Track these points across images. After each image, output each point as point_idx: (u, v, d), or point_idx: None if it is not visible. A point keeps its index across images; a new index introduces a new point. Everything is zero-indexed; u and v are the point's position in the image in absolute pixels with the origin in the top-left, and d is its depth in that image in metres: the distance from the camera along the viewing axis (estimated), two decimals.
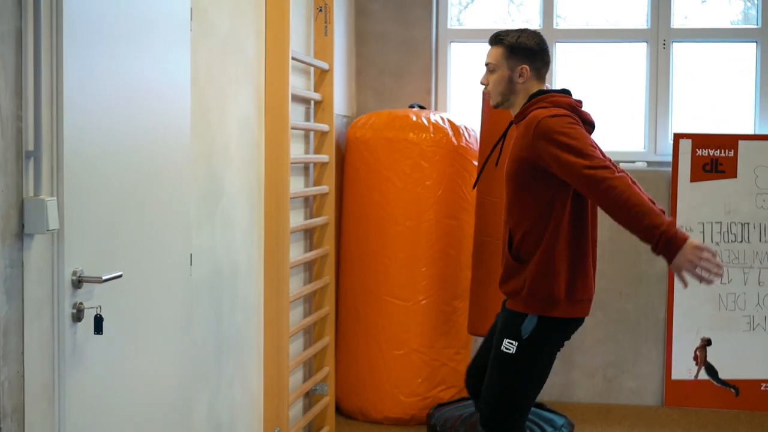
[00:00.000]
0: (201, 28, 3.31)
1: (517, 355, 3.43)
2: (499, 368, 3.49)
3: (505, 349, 3.44)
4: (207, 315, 3.49)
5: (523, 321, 3.44)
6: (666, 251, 3.16)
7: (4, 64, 2.15)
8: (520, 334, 3.43)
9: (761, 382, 5.63)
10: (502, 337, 3.47)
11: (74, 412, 2.43)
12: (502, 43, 3.52)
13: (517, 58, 3.50)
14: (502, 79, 3.51)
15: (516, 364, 3.45)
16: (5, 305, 2.18)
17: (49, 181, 2.32)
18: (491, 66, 3.54)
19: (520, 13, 6.15)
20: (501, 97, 3.53)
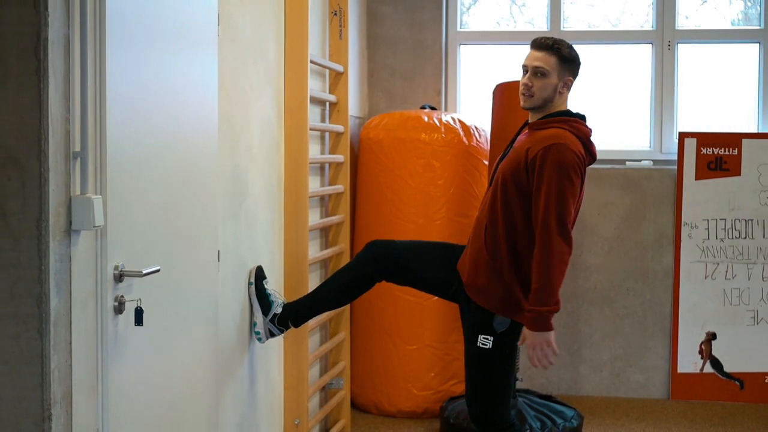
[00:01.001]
0: (226, 33, 3.43)
1: (494, 349, 3.59)
2: (479, 364, 3.64)
3: (481, 344, 3.59)
4: (232, 309, 3.62)
5: (493, 316, 3.58)
6: (537, 323, 3.43)
7: (54, 70, 2.28)
8: (494, 330, 3.58)
9: (765, 375, 5.76)
10: (477, 334, 3.60)
11: (116, 399, 2.56)
12: (559, 52, 3.60)
13: (567, 69, 3.62)
14: (549, 86, 3.59)
15: (495, 357, 3.61)
16: (55, 298, 2.31)
17: (94, 180, 2.45)
18: (543, 70, 3.58)
19: (523, 15, 6.27)
20: (542, 101, 3.62)
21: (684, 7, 6.05)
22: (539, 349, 3.46)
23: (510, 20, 6.28)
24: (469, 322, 3.68)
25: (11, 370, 2.29)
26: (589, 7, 6.16)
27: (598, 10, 6.17)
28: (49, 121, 2.26)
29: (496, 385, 3.66)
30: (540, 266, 3.42)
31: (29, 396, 2.30)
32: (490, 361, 3.62)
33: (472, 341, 3.63)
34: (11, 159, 2.27)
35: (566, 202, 3.42)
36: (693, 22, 6.08)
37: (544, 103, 3.63)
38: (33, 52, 2.25)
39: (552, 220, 3.40)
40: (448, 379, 5.43)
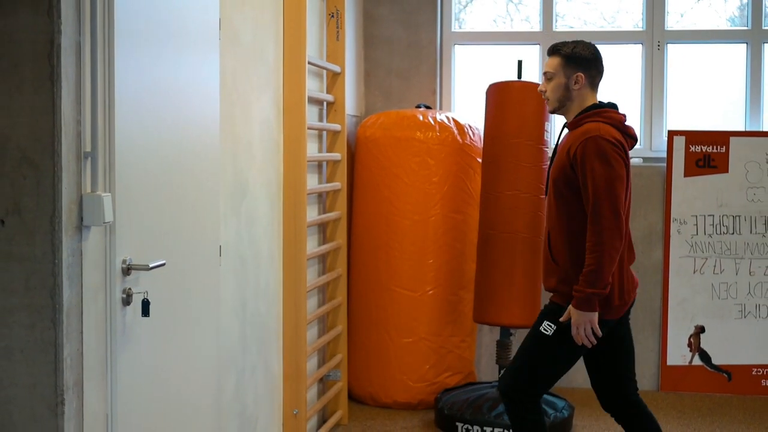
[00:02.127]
0: (228, 37, 3.57)
1: (552, 337, 3.73)
2: (533, 345, 3.80)
3: (543, 330, 3.75)
4: (233, 302, 3.76)
5: (565, 308, 3.72)
6: (584, 303, 3.58)
7: (67, 76, 2.42)
8: (560, 321, 3.72)
9: (752, 367, 5.90)
10: (543, 319, 3.78)
11: (124, 385, 2.70)
12: (560, 53, 3.80)
13: (573, 66, 3.79)
14: (559, 86, 3.78)
15: (549, 345, 3.76)
16: (68, 290, 2.45)
17: (104, 179, 2.59)
18: (549, 74, 3.80)
19: (519, 13, 6.40)
20: (558, 103, 3.80)
21: (677, 6, 6.17)
22: (582, 328, 3.61)
23: (506, 18, 6.41)
24: (543, 310, 3.85)
25: (26, 358, 2.43)
26: (585, 4, 6.29)
27: (593, 8, 6.30)
28: (61, 124, 2.40)
29: (535, 369, 3.81)
30: (592, 250, 3.56)
31: (43, 382, 2.44)
32: (543, 346, 3.77)
33: (537, 324, 3.80)
34: (26, 159, 2.41)
35: (614, 188, 3.56)
36: (686, 24, 6.20)
37: (561, 103, 3.80)
38: (47, 59, 2.39)
39: (603, 209, 3.54)
40: (442, 371, 5.56)
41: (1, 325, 2.44)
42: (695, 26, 6.21)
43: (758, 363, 5.89)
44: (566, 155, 3.68)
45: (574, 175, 3.65)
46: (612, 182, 3.57)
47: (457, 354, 5.61)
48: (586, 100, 3.81)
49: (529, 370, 3.82)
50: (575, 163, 3.63)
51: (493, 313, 5.21)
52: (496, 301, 5.18)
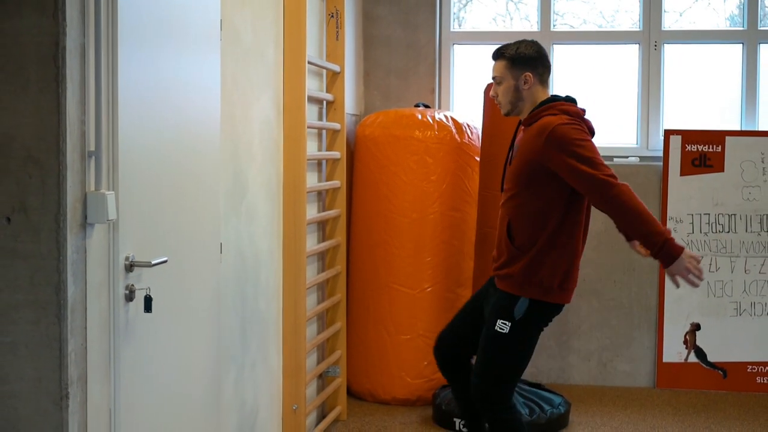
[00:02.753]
0: (228, 38, 3.62)
1: (510, 334, 3.77)
2: (492, 346, 3.82)
3: (498, 329, 3.78)
4: (233, 299, 3.81)
5: (516, 303, 3.77)
6: (665, 257, 3.57)
7: (71, 76, 2.47)
8: (513, 316, 3.77)
9: (747, 365, 5.95)
10: (496, 318, 3.79)
11: (127, 380, 2.76)
12: (504, 56, 3.85)
13: (519, 67, 3.83)
14: (509, 89, 3.84)
15: (508, 342, 3.79)
16: (72, 286, 2.50)
17: (107, 177, 2.64)
18: (498, 79, 3.86)
19: (519, 11, 6.45)
20: (510, 105, 3.86)
21: (675, 5, 6.22)
22: (686, 274, 3.58)
23: (506, 16, 6.46)
24: (490, 307, 3.87)
25: (31, 353, 2.49)
26: (583, 3, 6.34)
27: (592, 6, 6.35)
28: (66, 123, 2.45)
29: (503, 370, 3.84)
30: (624, 218, 3.61)
31: (48, 377, 2.49)
32: (503, 345, 3.80)
33: (490, 324, 3.81)
34: (32, 158, 2.46)
35: (592, 158, 3.61)
36: (683, 25, 6.25)
37: (513, 105, 3.86)
38: (52, 60, 2.44)
39: (596, 178, 3.59)
40: None
41: (7, 321, 2.49)
42: (693, 25, 6.25)
43: (753, 360, 5.94)
44: (529, 152, 3.71)
45: (540, 168, 3.69)
46: (588, 155, 3.61)
47: None
48: (538, 98, 3.85)
49: (496, 372, 3.85)
50: (541, 158, 3.67)
51: None
52: None
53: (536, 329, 3.86)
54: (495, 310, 3.83)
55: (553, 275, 3.76)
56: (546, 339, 6.10)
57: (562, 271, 3.78)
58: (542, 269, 3.76)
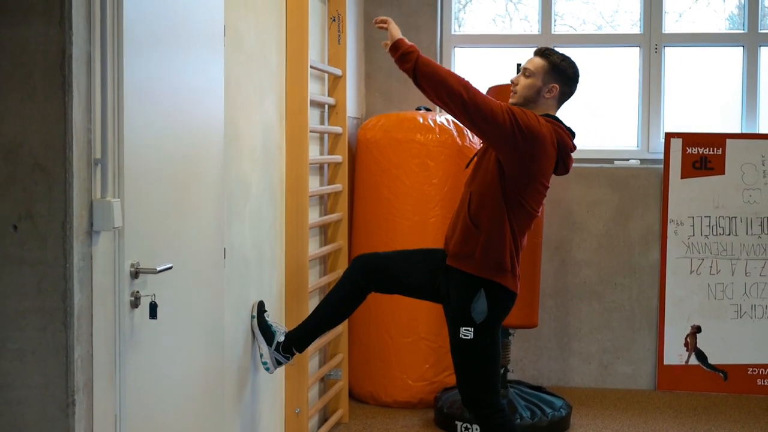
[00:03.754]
0: (232, 44, 3.63)
1: (475, 338, 3.80)
2: (464, 354, 3.86)
3: (463, 336, 3.81)
4: (237, 303, 3.83)
5: (471, 305, 3.79)
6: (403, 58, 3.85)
7: (78, 85, 2.48)
8: (474, 320, 3.80)
9: (748, 367, 5.97)
10: (458, 326, 3.83)
11: (132, 386, 2.77)
12: (548, 58, 3.87)
13: (554, 76, 3.86)
14: (532, 86, 3.86)
15: (477, 346, 3.82)
16: (78, 293, 2.51)
17: (113, 185, 2.65)
18: (529, 72, 3.86)
19: (519, 12, 6.46)
20: (523, 99, 3.88)
21: (675, 6, 6.23)
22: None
23: (506, 17, 6.47)
24: (450, 315, 3.89)
25: (38, 360, 2.50)
26: (584, 4, 6.36)
27: (592, 7, 6.36)
28: (73, 131, 2.46)
29: (482, 372, 3.87)
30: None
31: (54, 383, 2.50)
32: (473, 351, 3.83)
33: (454, 333, 3.85)
34: (38, 166, 2.47)
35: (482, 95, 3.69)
36: (683, 27, 6.26)
37: (526, 101, 3.87)
38: (59, 68, 2.45)
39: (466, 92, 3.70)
40: (442, 370, 5.63)
41: (14, 328, 2.50)
42: (693, 25, 6.26)
43: (754, 363, 5.96)
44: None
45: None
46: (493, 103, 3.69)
47: None
48: (544, 110, 3.88)
49: (476, 377, 3.87)
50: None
51: None
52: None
53: (498, 324, 3.88)
54: (454, 319, 3.85)
55: (505, 256, 3.79)
56: (547, 341, 6.12)
57: (510, 253, 3.80)
58: (497, 249, 3.78)
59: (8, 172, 2.48)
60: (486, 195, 3.80)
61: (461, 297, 3.83)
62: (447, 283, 3.91)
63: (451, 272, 3.89)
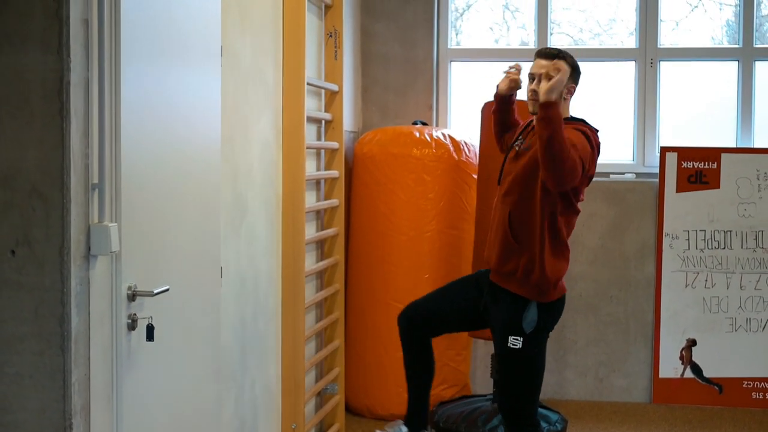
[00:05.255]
0: (228, 63, 3.66)
1: (524, 348, 3.84)
2: (510, 364, 3.90)
3: (512, 345, 3.84)
4: (233, 321, 3.85)
5: (522, 316, 3.82)
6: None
7: (76, 111, 2.50)
8: (523, 330, 3.83)
9: (743, 380, 5.99)
10: (506, 335, 3.85)
11: (129, 409, 2.78)
12: (565, 59, 3.89)
13: (572, 77, 3.92)
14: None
15: (525, 356, 3.86)
16: (76, 317, 2.53)
17: (110, 209, 2.67)
18: (551, 76, 3.83)
19: (516, 20, 6.49)
20: None
21: (671, 15, 6.27)
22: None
23: (503, 25, 6.50)
24: (498, 325, 3.92)
25: (36, 384, 2.52)
26: (580, 12, 6.39)
27: (589, 15, 6.40)
28: (70, 157, 2.48)
29: (526, 383, 3.92)
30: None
31: (52, 407, 2.52)
32: (520, 360, 3.87)
33: (502, 343, 3.87)
34: (36, 191, 2.49)
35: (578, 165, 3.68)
36: (679, 41, 6.30)
37: None
38: (57, 95, 2.47)
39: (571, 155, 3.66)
40: (438, 384, 5.62)
41: (12, 352, 2.52)
42: (691, 32, 6.28)
43: (749, 376, 5.98)
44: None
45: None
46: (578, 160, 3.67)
47: (452, 367, 5.70)
48: (565, 112, 3.93)
49: (519, 388, 3.91)
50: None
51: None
52: None
53: (546, 334, 3.94)
54: (504, 328, 3.87)
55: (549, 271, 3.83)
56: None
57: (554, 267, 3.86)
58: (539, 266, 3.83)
59: (6, 198, 2.50)
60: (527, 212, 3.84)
61: (510, 307, 3.88)
62: (494, 297, 3.93)
63: (496, 288, 3.93)
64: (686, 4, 6.29)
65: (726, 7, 6.29)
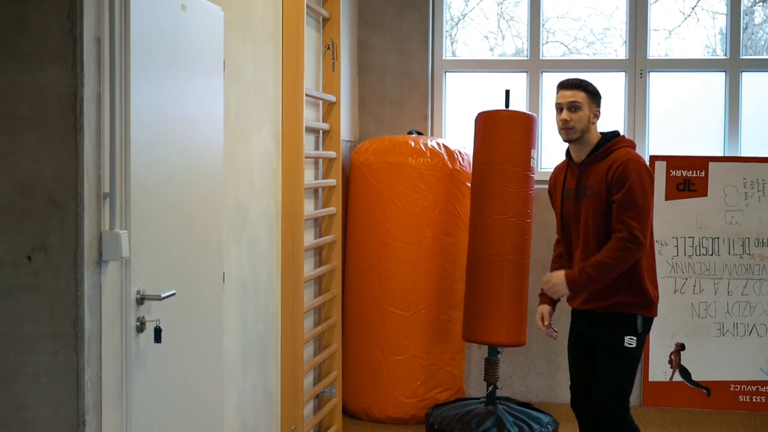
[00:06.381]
0: (231, 77, 3.81)
1: (636, 347, 4.14)
2: (623, 362, 4.16)
3: (628, 344, 4.12)
4: (235, 325, 3.99)
5: (637, 317, 4.12)
6: (577, 286, 4.14)
7: (89, 124, 2.65)
8: (637, 330, 4.13)
9: (730, 384, 6.14)
10: (624, 335, 4.12)
11: (138, 406, 2.93)
12: (586, 88, 4.21)
13: (595, 102, 4.21)
14: (584, 118, 4.18)
15: (633, 356, 4.16)
16: (89, 319, 2.68)
17: (120, 217, 2.82)
18: (577, 104, 4.17)
19: (510, 29, 6.64)
20: (581, 133, 4.17)
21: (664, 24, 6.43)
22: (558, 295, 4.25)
23: (497, 34, 6.65)
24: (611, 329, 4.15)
25: (51, 382, 2.66)
26: (575, 21, 6.55)
27: (583, 24, 6.55)
28: (84, 168, 2.64)
29: (631, 379, 4.20)
30: (605, 268, 4.03)
31: (66, 404, 2.66)
32: (631, 358, 4.16)
33: (618, 342, 4.12)
34: (52, 201, 2.64)
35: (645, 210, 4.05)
36: (668, 51, 6.46)
37: (582, 134, 4.19)
38: (71, 110, 2.62)
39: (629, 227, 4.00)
40: (433, 387, 5.79)
41: (29, 352, 2.66)
42: (683, 41, 6.42)
43: (736, 379, 6.12)
44: (611, 177, 4.06)
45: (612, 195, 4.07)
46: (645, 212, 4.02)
47: (447, 371, 5.83)
48: (595, 134, 4.21)
49: (622, 385, 4.17)
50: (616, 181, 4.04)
51: (481, 331, 5.43)
52: (484, 320, 5.40)
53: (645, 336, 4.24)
54: (616, 329, 4.13)
55: (649, 291, 4.13)
56: (535, 358, 6.28)
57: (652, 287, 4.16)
58: (640, 288, 4.12)
59: (24, 207, 2.65)
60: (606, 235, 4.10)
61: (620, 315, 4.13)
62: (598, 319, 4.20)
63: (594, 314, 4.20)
64: (679, 12, 6.44)
65: (719, 16, 6.44)
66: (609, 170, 4.08)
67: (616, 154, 4.11)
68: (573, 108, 4.17)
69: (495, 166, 5.39)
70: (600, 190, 4.10)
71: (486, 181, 5.41)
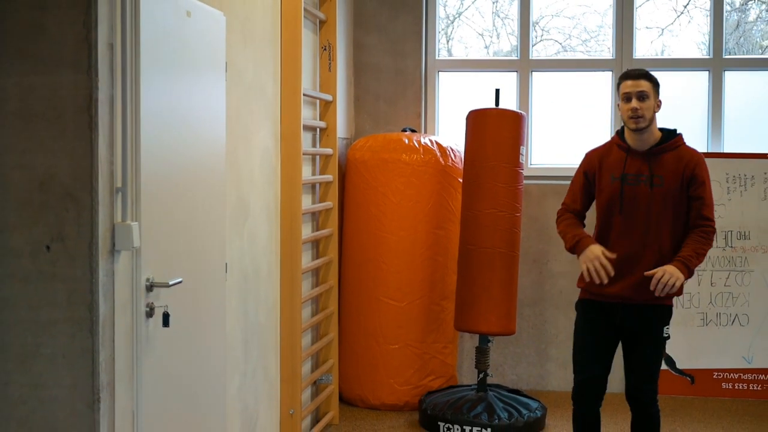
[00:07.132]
0: (233, 79, 4.02)
1: (668, 335, 4.41)
2: (661, 349, 4.43)
3: (665, 334, 4.40)
4: (236, 314, 4.20)
5: (670, 311, 4.39)
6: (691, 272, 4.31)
7: (102, 123, 2.86)
8: (669, 321, 4.40)
9: (713, 371, 6.35)
10: (662, 326, 4.38)
11: (147, 386, 3.14)
12: (651, 79, 4.37)
13: (657, 92, 4.39)
14: (651, 107, 4.35)
15: (666, 341, 4.43)
16: (103, 305, 2.89)
17: (132, 210, 3.03)
18: (646, 93, 4.31)
19: (505, 26, 6.82)
20: (649, 121, 4.34)
21: (651, 24, 6.63)
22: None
23: (492, 32, 6.84)
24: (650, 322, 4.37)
25: (68, 363, 2.88)
26: (567, 19, 6.74)
27: (576, 22, 6.74)
28: (98, 164, 2.85)
29: (660, 365, 4.48)
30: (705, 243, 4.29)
31: (82, 383, 2.88)
32: (664, 345, 4.44)
33: (660, 332, 4.38)
34: (69, 195, 2.85)
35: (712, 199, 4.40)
36: (653, 51, 6.66)
37: (650, 122, 4.35)
38: (86, 110, 2.83)
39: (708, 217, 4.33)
40: (426, 375, 5.99)
41: (47, 335, 2.88)
42: (676, 39, 6.60)
43: (719, 367, 6.33)
44: (682, 172, 4.28)
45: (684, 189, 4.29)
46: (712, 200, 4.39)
47: (439, 359, 6.04)
48: (656, 125, 4.41)
49: (657, 371, 4.45)
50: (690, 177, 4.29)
51: (472, 321, 5.61)
52: (476, 310, 5.58)
53: None
54: (659, 320, 4.37)
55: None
56: (525, 348, 6.48)
57: None
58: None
59: (42, 200, 2.86)
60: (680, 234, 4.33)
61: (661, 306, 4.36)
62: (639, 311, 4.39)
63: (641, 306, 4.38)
64: (672, 11, 6.64)
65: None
66: (686, 166, 4.28)
67: (686, 149, 4.34)
68: (641, 97, 4.29)
69: (485, 162, 5.56)
70: (672, 181, 4.28)
71: (477, 177, 5.58)
